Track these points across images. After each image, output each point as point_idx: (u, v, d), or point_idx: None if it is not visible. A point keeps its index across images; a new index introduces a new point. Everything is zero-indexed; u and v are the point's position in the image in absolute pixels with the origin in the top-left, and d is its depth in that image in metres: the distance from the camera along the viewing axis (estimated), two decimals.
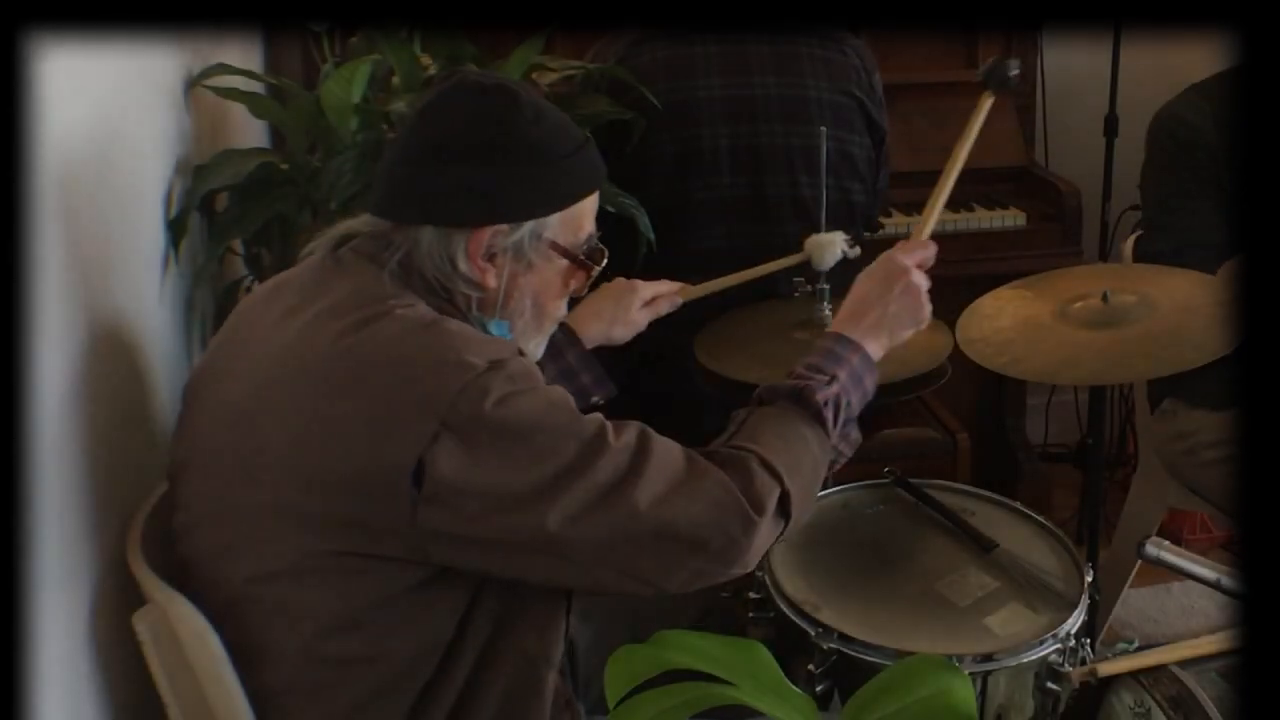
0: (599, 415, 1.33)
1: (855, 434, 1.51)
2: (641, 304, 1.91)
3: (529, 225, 1.38)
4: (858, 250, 1.97)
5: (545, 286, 1.44)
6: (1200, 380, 1.77)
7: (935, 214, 1.75)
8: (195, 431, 1.41)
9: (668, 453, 1.34)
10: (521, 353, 1.35)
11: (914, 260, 1.60)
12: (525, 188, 1.37)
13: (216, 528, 1.35)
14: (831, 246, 1.96)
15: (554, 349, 1.70)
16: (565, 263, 1.43)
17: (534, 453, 1.26)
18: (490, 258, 1.38)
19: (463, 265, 1.37)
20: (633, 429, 1.34)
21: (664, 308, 1.95)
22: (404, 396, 1.25)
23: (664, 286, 1.95)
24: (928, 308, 1.60)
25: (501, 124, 1.36)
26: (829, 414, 1.45)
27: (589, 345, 1.84)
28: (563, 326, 1.74)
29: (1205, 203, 2.31)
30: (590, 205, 1.46)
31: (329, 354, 1.29)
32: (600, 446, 1.29)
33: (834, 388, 1.47)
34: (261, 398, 1.32)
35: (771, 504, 1.35)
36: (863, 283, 1.60)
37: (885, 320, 1.56)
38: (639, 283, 1.92)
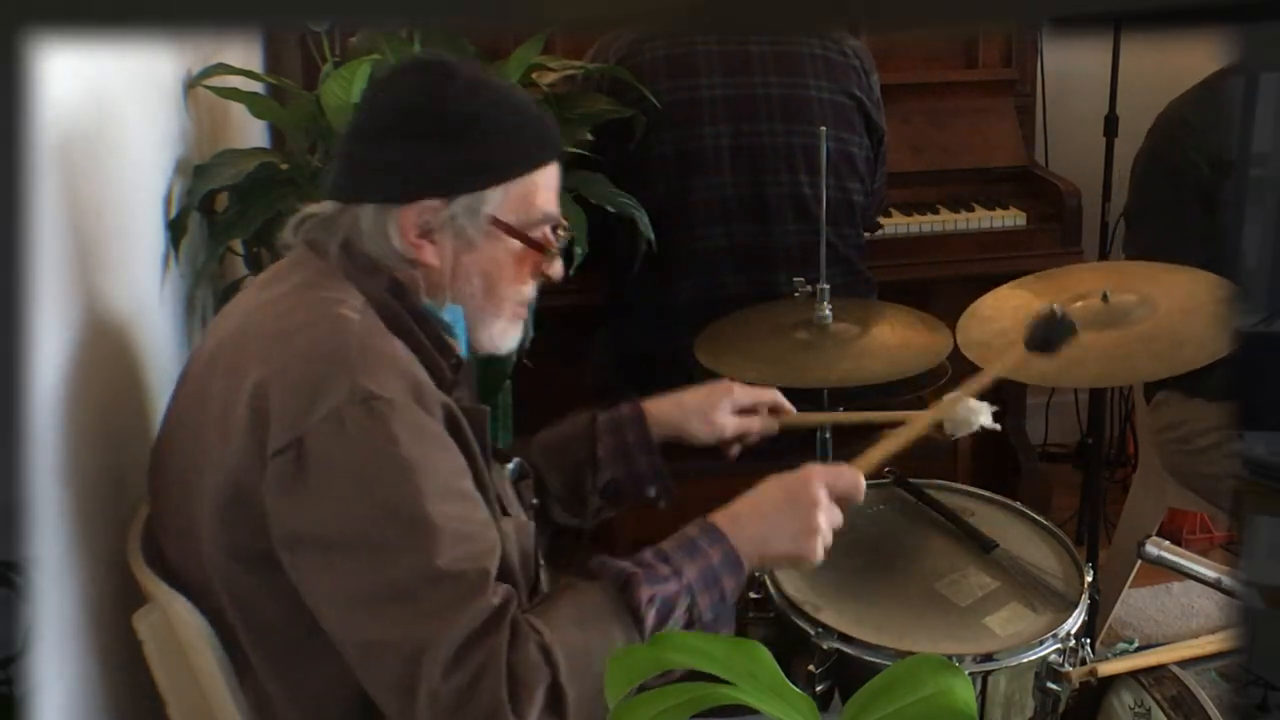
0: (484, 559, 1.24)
1: (727, 615, 1.37)
2: (734, 408, 1.69)
3: (463, 200, 1.32)
4: (998, 427, 1.65)
5: (495, 267, 1.37)
6: (1195, 371, 1.76)
7: (882, 453, 1.55)
8: (165, 423, 1.41)
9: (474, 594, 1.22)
10: (420, 400, 1.27)
11: (835, 493, 1.43)
12: (452, 162, 1.32)
13: (172, 518, 1.35)
14: (972, 416, 1.62)
15: (615, 424, 1.64)
16: (515, 243, 1.36)
17: (331, 500, 1.21)
18: (427, 234, 1.33)
19: (396, 242, 1.33)
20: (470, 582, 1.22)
21: (755, 427, 1.70)
22: (280, 402, 1.23)
23: (765, 395, 1.72)
24: (817, 556, 1.40)
25: (431, 98, 1.32)
26: (650, 615, 1.29)
27: (658, 431, 1.66)
28: (632, 404, 1.67)
29: (1181, 219, 2.31)
30: (545, 181, 1.38)
31: (251, 344, 1.29)
32: (411, 543, 1.20)
33: (670, 585, 1.31)
34: (201, 389, 1.33)
35: (537, 696, 1.21)
36: (769, 488, 1.43)
37: (767, 540, 1.40)
38: (738, 386, 1.71)
